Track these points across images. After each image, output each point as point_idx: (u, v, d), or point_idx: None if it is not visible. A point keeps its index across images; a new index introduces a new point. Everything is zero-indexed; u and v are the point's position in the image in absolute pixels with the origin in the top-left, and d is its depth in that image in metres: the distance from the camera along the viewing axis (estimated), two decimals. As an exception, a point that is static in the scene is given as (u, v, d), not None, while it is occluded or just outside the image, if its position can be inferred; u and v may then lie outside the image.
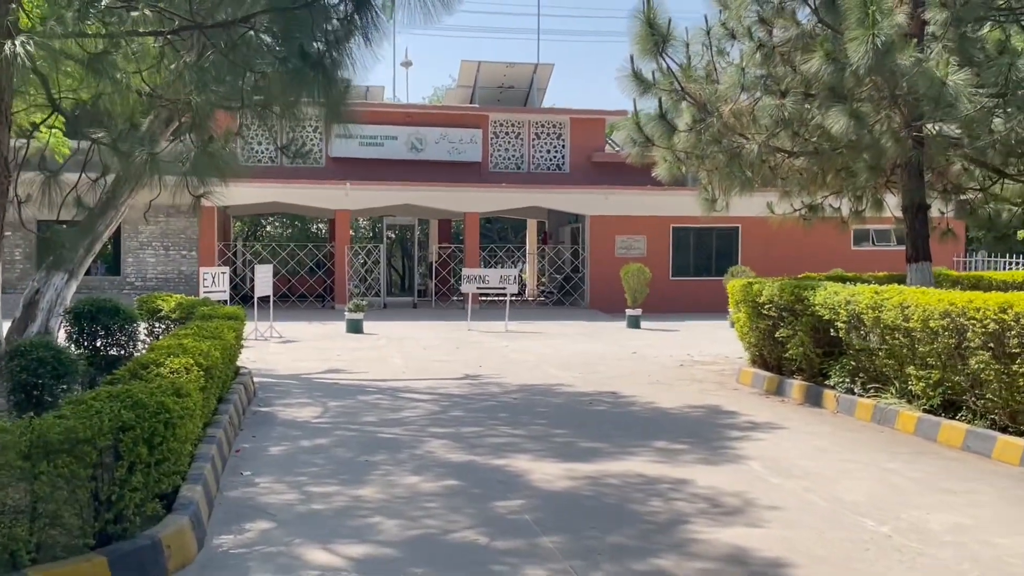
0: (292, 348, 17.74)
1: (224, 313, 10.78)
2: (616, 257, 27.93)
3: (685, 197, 28.23)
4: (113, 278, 26.70)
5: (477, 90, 30.53)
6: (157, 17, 7.35)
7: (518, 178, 29.29)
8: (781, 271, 26.61)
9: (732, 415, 10.70)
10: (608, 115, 30.28)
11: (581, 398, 11.92)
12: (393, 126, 28.57)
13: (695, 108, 13.20)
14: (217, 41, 7.10)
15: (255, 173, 27.78)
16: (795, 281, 12.14)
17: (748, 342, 13.29)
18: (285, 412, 10.73)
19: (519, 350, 17.64)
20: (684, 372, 14.49)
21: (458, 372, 14.36)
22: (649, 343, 19.09)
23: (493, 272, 22.60)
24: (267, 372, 14.20)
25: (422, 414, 10.72)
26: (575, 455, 8.53)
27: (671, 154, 14.04)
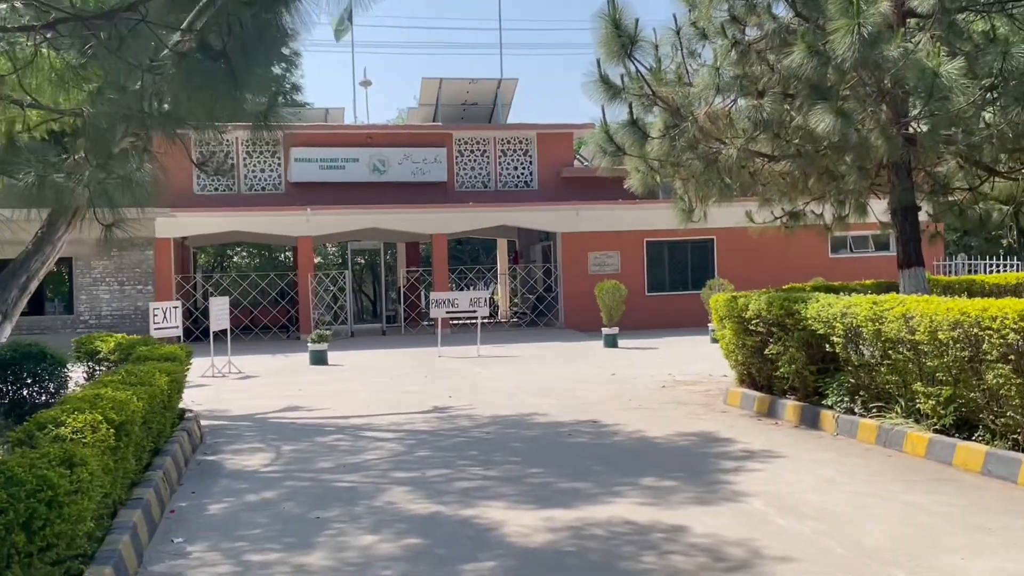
0: (250, 385, 16.68)
1: (161, 354, 9.77)
2: (590, 274, 27.09)
3: (658, 210, 27.45)
4: (66, 317, 25.51)
5: (440, 108, 29.65)
6: (31, 9, 6.36)
7: (485, 197, 28.40)
8: (759, 282, 25.85)
9: (724, 443, 9.79)
10: (576, 128, 29.48)
11: (559, 429, 10.98)
12: (354, 148, 27.63)
13: (668, 113, 12.37)
14: (102, 35, 6.11)
15: (210, 201, 26.75)
16: (783, 294, 11.29)
17: (735, 360, 12.42)
18: (233, 461, 9.71)
19: (492, 376, 16.69)
20: (668, 394, 13.58)
21: (426, 404, 13.39)
22: (628, 363, 18.19)
23: (463, 295, 21.66)
24: (219, 414, 13.17)
25: (385, 456, 9.73)
26: (554, 499, 7.58)
27: (644, 163, 13.19)
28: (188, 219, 25.70)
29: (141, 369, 8.37)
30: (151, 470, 7.92)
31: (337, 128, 28.39)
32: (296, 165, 27.12)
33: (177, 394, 9.39)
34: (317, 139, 27.66)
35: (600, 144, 12.83)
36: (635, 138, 12.44)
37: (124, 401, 6.56)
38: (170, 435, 9.44)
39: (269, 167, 27.66)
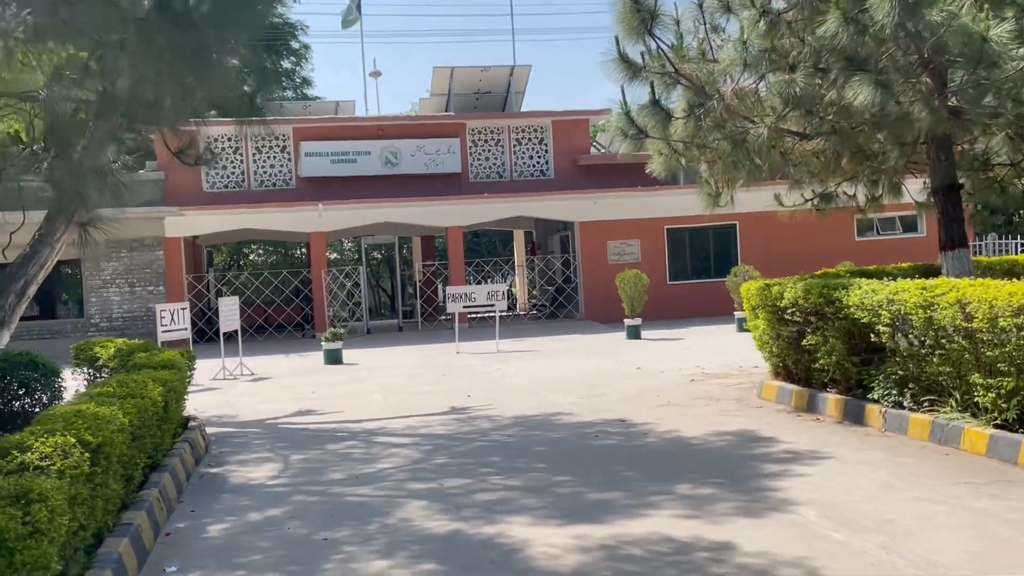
0: (262, 387, 16.09)
1: (159, 361, 9.16)
2: (609, 264, 26.39)
3: (679, 196, 26.74)
4: (76, 320, 25.02)
5: (452, 98, 28.96)
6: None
7: (500, 187, 27.71)
8: (783, 268, 25.09)
9: (765, 442, 9.09)
10: (592, 115, 28.74)
11: (585, 430, 10.31)
12: (365, 141, 26.97)
13: (691, 92, 11.64)
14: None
15: (220, 199, 26.20)
16: (822, 280, 10.56)
17: (769, 352, 11.70)
18: (238, 473, 9.09)
19: (512, 373, 16.03)
20: (698, 389, 12.89)
21: (444, 405, 12.74)
22: (653, 356, 17.49)
23: (480, 289, 20.99)
24: (227, 420, 12.57)
25: (400, 464, 9.10)
26: (584, 512, 6.92)
27: (667, 146, 12.47)
28: (197, 218, 25.15)
29: (134, 379, 7.75)
30: (146, 488, 7.31)
31: (348, 121, 27.75)
32: (307, 160, 26.50)
33: (176, 404, 8.78)
34: (327, 132, 27.03)
35: (620, 127, 12.12)
36: (657, 119, 11.73)
37: (108, 418, 5.94)
38: (170, 447, 8.84)
39: (279, 162, 27.05)
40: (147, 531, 6.58)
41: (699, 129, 11.46)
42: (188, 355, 11.26)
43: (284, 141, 27.02)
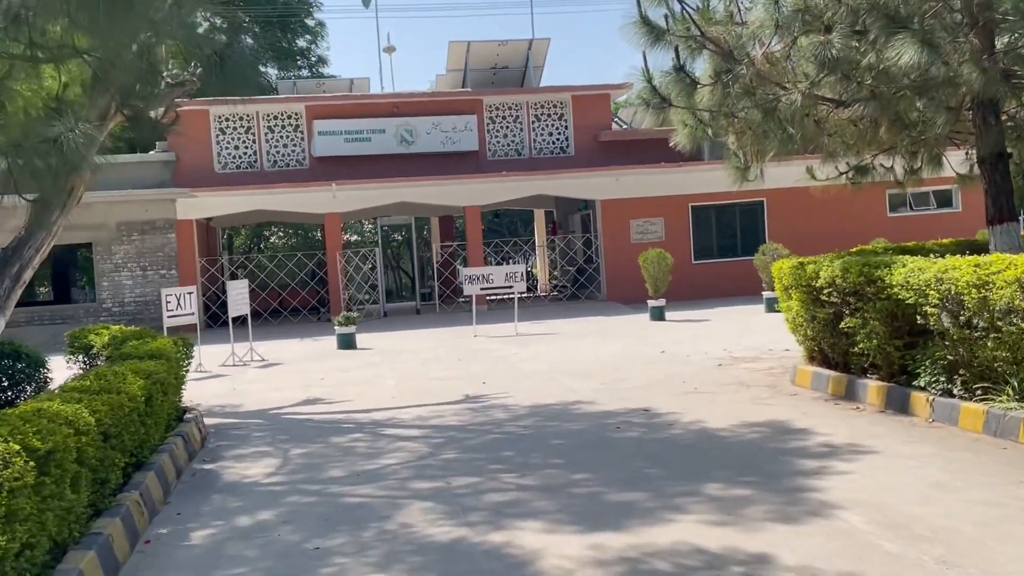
0: (271, 373, 15.51)
1: (148, 350, 8.54)
2: (632, 243, 25.61)
3: (704, 172, 25.90)
4: (88, 305, 24.55)
5: (469, 73, 28.16)
6: None
7: (519, 165, 26.95)
8: (813, 246, 24.15)
9: (800, 435, 8.37)
10: (613, 89, 27.86)
11: (606, 420, 9.63)
12: (380, 118, 26.25)
13: (719, 57, 10.87)
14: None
15: (232, 179, 25.63)
16: (862, 258, 9.79)
17: (803, 335, 10.95)
18: (232, 470, 8.48)
19: (530, 357, 15.36)
20: (726, 374, 12.17)
21: (458, 392, 12.10)
22: (678, 338, 16.76)
23: (497, 270, 20.31)
24: (230, 410, 11.97)
25: (405, 460, 8.45)
26: (603, 517, 6.24)
27: (692, 116, 11.71)
28: (209, 199, 24.56)
29: (114, 371, 7.14)
30: (126, 490, 6.70)
31: (362, 98, 27.03)
32: (320, 138, 25.84)
33: (164, 396, 8.16)
34: (341, 110, 26.33)
35: (643, 96, 11.39)
36: (682, 87, 10.98)
37: (71, 417, 5.31)
38: (160, 442, 8.23)
39: (292, 141, 26.39)
40: (121, 540, 5.97)
41: (727, 97, 10.71)
42: (185, 343, 10.67)
43: (297, 120, 26.35)
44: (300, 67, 39.72)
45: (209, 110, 26.00)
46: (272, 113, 26.30)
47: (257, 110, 26.24)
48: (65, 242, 24.23)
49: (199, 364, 16.24)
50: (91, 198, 23.67)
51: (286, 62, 39.29)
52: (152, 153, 26.15)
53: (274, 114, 26.30)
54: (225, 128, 26.07)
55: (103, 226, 24.26)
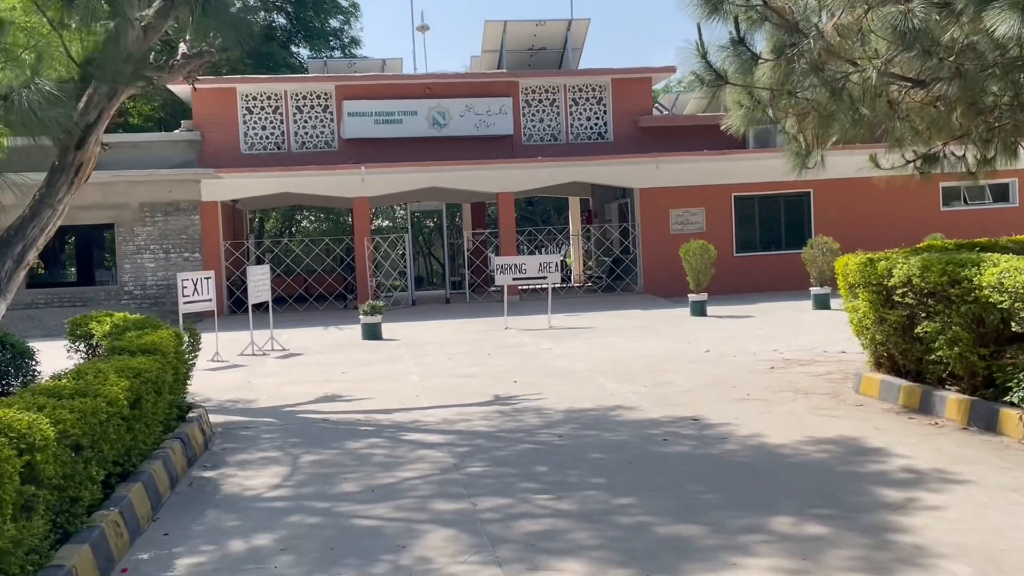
0: (290, 365, 14.66)
1: (142, 344, 7.66)
2: (671, 234, 24.57)
3: (748, 161, 24.80)
4: (110, 287, 23.87)
5: (504, 54, 27.11)
6: None
7: (555, 151, 25.91)
8: (861, 240, 22.98)
9: (876, 456, 7.36)
10: (655, 72, 26.73)
11: (650, 430, 8.66)
12: (412, 100, 25.32)
13: (783, 31, 9.79)
14: None
15: (258, 161, 24.83)
16: (945, 255, 8.73)
17: (870, 338, 9.90)
18: (235, 479, 7.60)
19: (565, 354, 14.40)
20: (780, 378, 11.14)
21: (486, 392, 11.17)
22: (723, 336, 15.73)
23: (531, 259, 19.34)
24: (242, 406, 11.12)
25: (427, 472, 7.53)
26: (656, 558, 5.28)
27: (749, 96, 10.65)
28: (235, 180, 23.77)
29: (100, 368, 6.27)
30: (106, 507, 5.83)
31: (393, 79, 26.10)
32: (349, 120, 24.95)
33: (160, 395, 7.29)
34: (372, 91, 25.41)
35: (696, 72, 10.29)
36: (741, 62, 9.90)
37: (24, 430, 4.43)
38: (155, 447, 7.37)
39: (321, 123, 25.53)
40: (88, 572, 5.08)
41: (791, 74, 9.63)
42: (192, 333, 9.83)
43: (326, 100, 25.48)
44: (333, 48, 38.87)
45: (236, 88, 25.22)
46: (301, 93, 25.46)
47: (285, 89, 25.42)
48: (87, 222, 23.65)
49: (216, 353, 15.45)
50: (114, 177, 23.04)
51: (318, 42, 38.44)
52: (177, 132, 25.42)
53: (303, 94, 25.46)
54: (252, 107, 25.26)
55: (125, 206, 23.55)
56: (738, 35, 9.65)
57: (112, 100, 11.53)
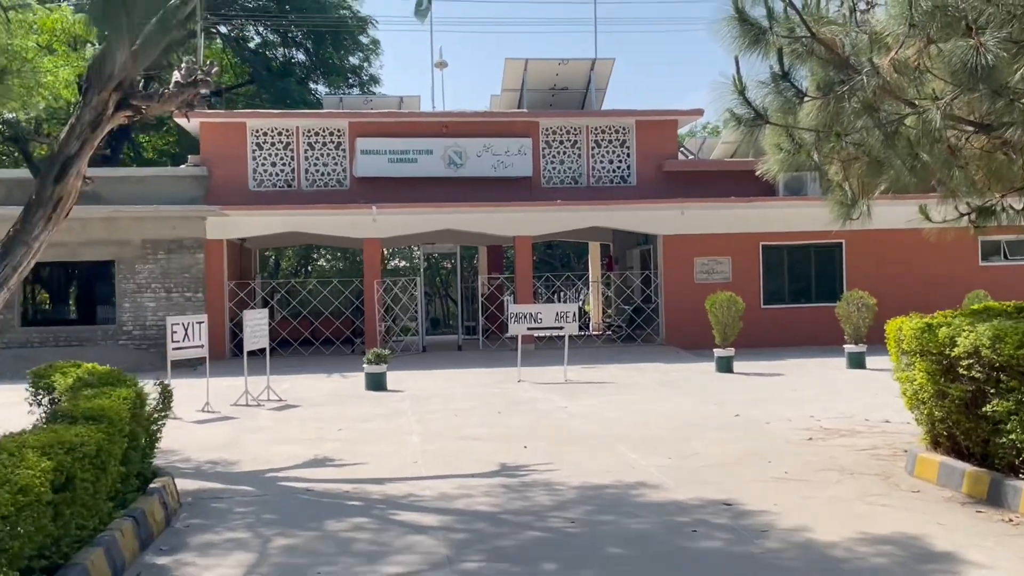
0: (285, 419, 13.59)
1: (90, 409, 6.60)
2: (696, 283, 23.46)
3: (777, 208, 23.72)
4: (108, 327, 22.92)
5: (525, 93, 26.21)
6: None
7: (576, 194, 24.91)
8: (896, 295, 21.87)
9: (946, 563, 6.17)
10: (681, 115, 25.75)
11: (678, 518, 7.51)
12: (428, 138, 24.41)
13: (831, 66, 8.77)
14: None
15: (267, 198, 23.96)
16: (1019, 323, 7.59)
17: (927, 413, 8.73)
18: (191, 568, 6.48)
19: (581, 414, 13.27)
20: (820, 453, 9.97)
21: (493, 460, 10.04)
22: (752, 396, 14.56)
23: (547, 308, 18.27)
24: (222, 469, 10.04)
25: (415, 567, 6.40)
26: None
27: (788, 138, 9.59)
28: (242, 218, 22.87)
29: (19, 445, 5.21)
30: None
31: (408, 116, 25.21)
32: (362, 158, 24.06)
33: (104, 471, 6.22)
34: (386, 128, 24.52)
35: (733, 110, 9.25)
36: (784, 100, 8.89)
37: None
38: (95, 531, 6.28)
39: (333, 160, 24.63)
40: None
41: (841, 113, 8.59)
42: (164, 392, 8.79)
43: (339, 137, 24.60)
44: (352, 85, 38.21)
45: (247, 123, 24.42)
46: (313, 129, 24.60)
47: (297, 125, 24.58)
48: (88, 258, 22.79)
49: (206, 403, 14.42)
50: (116, 212, 22.22)
51: (336, 79, 37.79)
52: (183, 167, 24.62)
53: (315, 130, 24.61)
54: (262, 143, 24.42)
55: (127, 243, 22.69)
56: (781, 69, 8.63)
57: (96, 130, 10.65)
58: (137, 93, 11.09)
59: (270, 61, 38.54)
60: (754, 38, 8.66)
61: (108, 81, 10.45)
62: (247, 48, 38.84)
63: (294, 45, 39.35)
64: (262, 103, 33.53)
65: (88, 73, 10.67)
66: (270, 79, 36.29)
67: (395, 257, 50.33)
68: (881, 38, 8.62)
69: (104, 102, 10.56)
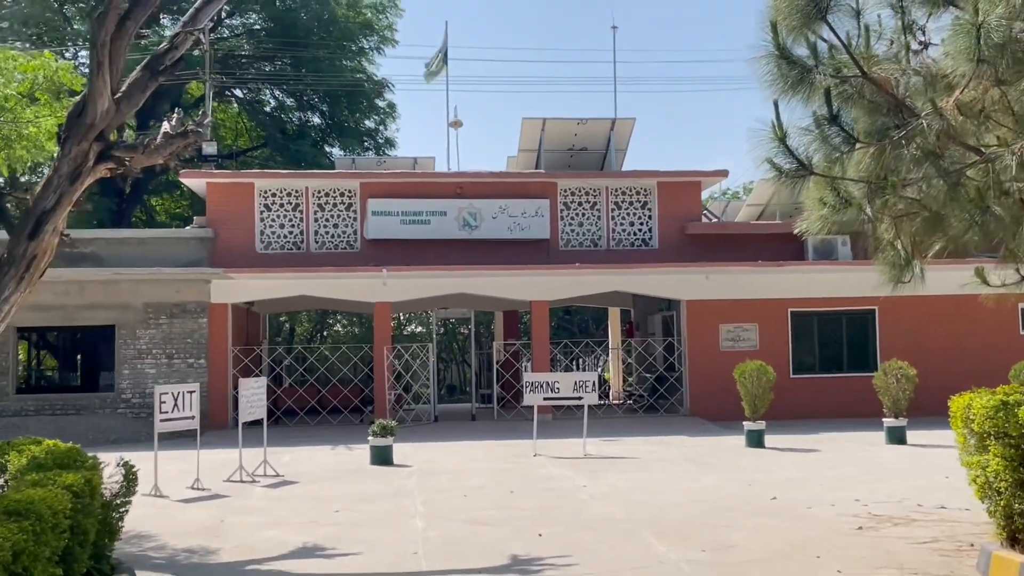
0: (279, 498, 12.49)
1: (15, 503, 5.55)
2: (721, 351, 22.35)
3: (806, 273, 22.67)
4: (106, 395, 21.93)
5: (543, 154, 25.39)
6: None
7: (595, 257, 23.91)
8: (933, 364, 20.68)
9: None
10: (704, 176, 24.81)
11: (717, 631, 6.36)
12: (442, 199, 23.55)
13: (885, 108, 7.80)
14: None
15: (274, 261, 23.10)
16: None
17: (1004, 505, 7.57)
18: None
19: (601, 495, 12.12)
20: (875, 546, 8.78)
21: (502, 551, 8.91)
22: (788, 476, 13.36)
23: (564, 377, 17.16)
24: (198, 559, 8.96)
25: None
26: None
27: (833, 193, 8.58)
28: (247, 281, 22.00)
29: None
30: None
31: (422, 176, 24.40)
32: (374, 219, 23.20)
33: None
34: (399, 189, 23.69)
35: (772, 159, 8.26)
36: (831, 147, 7.90)
37: None
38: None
39: (343, 221, 23.77)
40: None
41: (898, 160, 7.59)
42: (128, 473, 7.75)
43: (350, 198, 23.79)
44: (367, 148, 37.64)
45: (255, 183, 23.68)
46: (323, 189, 23.81)
47: (307, 185, 23.81)
48: (88, 323, 21.94)
49: (196, 480, 13.35)
50: (116, 275, 21.44)
51: (351, 141, 37.25)
52: (188, 228, 23.85)
53: (325, 190, 23.82)
54: (271, 204, 23.63)
55: (128, 307, 21.81)
56: (830, 112, 7.65)
57: (75, 183, 9.82)
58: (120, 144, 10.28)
59: (285, 124, 38.11)
60: (798, 77, 7.71)
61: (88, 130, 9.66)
62: (262, 111, 38.45)
63: (310, 108, 38.94)
64: (276, 166, 32.87)
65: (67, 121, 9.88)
66: (284, 142, 35.80)
67: (412, 322, 49.39)
68: (939, 78, 7.69)
69: (84, 153, 9.77)
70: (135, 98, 10.18)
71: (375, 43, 37.03)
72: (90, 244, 22.30)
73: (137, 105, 10.44)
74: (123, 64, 10.02)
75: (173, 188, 35.94)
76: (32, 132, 10.43)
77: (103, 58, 9.60)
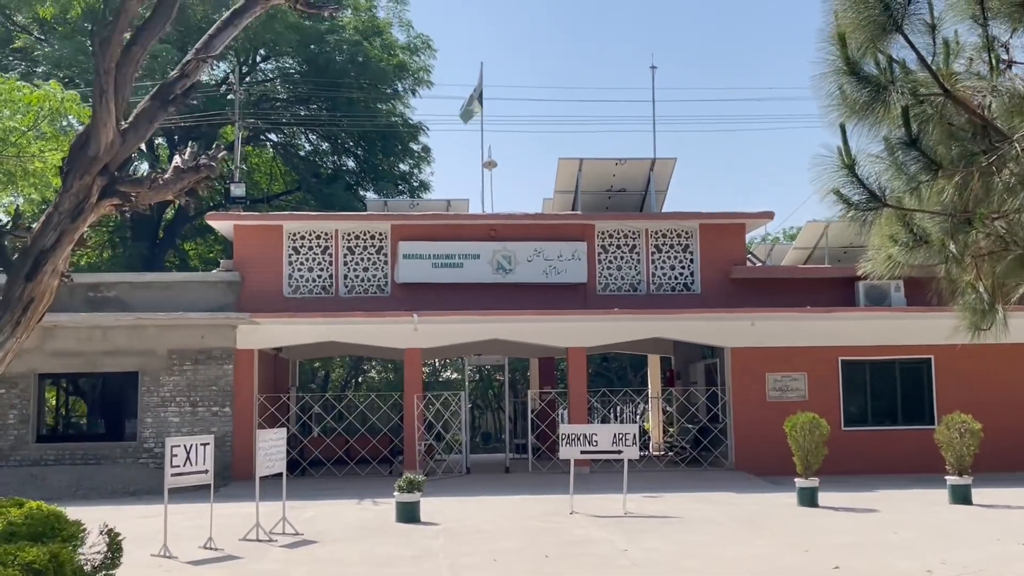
0: (296, 560, 11.58)
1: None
2: (768, 401, 21.24)
3: (858, 320, 21.55)
4: (128, 444, 21.21)
5: (580, 195, 24.55)
6: None
7: (634, 302, 22.90)
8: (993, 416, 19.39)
9: None
10: (749, 218, 23.82)
11: None
12: (475, 242, 22.73)
13: (972, 130, 6.87)
14: None
15: (302, 305, 22.37)
16: None
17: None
18: None
19: (645, 561, 11.08)
20: (960, 632, 7.70)
21: (536, 631, 7.93)
22: (848, 541, 12.24)
23: (603, 429, 16.18)
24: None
25: None
26: None
27: (905, 230, 7.62)
28: (274, 327, 21.29)
29: None
30: None
31: (454, 219, 23.65)
32: (405, 263, 22.44)
33: None
34: (431, 232, 22.93)
35: (839, 190, 7.32)
36: (908, 176, 6.97)
37: None
38: None
39: (374, 265, 23.02)
40: None
41: (988, 190, 6.64)
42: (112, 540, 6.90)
43: (381, 241, 23.06)
44: (401, 192, 37.08)
45: (283, 226, 23.03)
46: (353, 232, 23.11)
47: (336, 228, 23.12)
48: (110, 369, 21.31)
49: (209, 539, 12.47)
50: (140, 320, 20.82)
51: (385, 185, 36.72)
52: (214, 272, 23.24)
53: (356, 233, 23.11)
54: (299, 247, 22.97)
55: (152, 353, 21.15)
56: (908, 135, 6.72)
57: (76, 220, 9.13)
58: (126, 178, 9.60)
59: (319, 168, 37.72)
60: (872, 95, 6.78)
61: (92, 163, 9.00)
62: (297, 155, 38.11)
63: (344, 152, 38.55)
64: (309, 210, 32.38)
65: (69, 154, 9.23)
66: (318, 186, 35.35)
67: (447, 369, 48.52)
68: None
69: (86, 188, 9.10)
70: (143, 129, 9.53)
71: (409, 85, 36.60)
72: (114, 288, 21.76)
73: (145, 137, 9.79)
74: (130, 93, 9.37)
75: (207, 232, 35.53)
76: (38, 167, 9.79)
77: (107, 86, 8.95)
